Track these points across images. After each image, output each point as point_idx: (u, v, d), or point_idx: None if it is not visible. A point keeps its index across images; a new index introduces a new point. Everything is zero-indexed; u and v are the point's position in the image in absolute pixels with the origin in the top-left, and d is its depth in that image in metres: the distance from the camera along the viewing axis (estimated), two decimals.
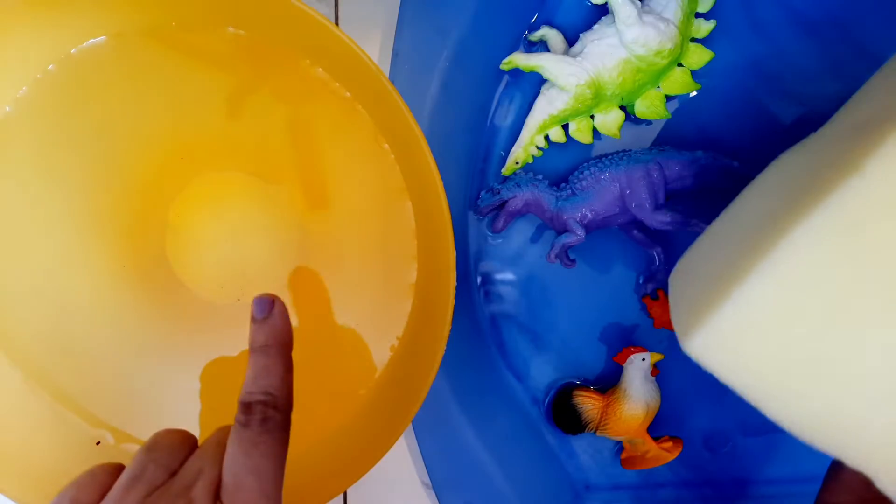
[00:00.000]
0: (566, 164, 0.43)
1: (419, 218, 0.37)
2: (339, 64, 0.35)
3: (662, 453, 0.43)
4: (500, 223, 0.43)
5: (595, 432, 0.43)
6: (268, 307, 0.31)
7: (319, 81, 0.36)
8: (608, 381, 0.44)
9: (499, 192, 0.42)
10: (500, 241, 0.44)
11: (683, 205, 0.42)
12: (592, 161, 0.42)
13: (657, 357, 0.42)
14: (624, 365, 0.43)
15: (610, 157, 0.42)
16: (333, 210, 0.39)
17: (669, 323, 0.42)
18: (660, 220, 0.40)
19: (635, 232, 0.43)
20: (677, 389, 0.45)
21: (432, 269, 0.37)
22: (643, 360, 0.42)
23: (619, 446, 0.45)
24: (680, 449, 0.43)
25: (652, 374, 0.42)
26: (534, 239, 0.44)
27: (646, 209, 0.40)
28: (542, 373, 0.45)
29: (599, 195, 0.41)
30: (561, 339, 0.45)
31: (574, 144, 0.42)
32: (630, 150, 0.42)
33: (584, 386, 0.44)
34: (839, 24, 0.42)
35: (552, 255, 0.41)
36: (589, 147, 0.43)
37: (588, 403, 0.43)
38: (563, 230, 0.41)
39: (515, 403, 0.45)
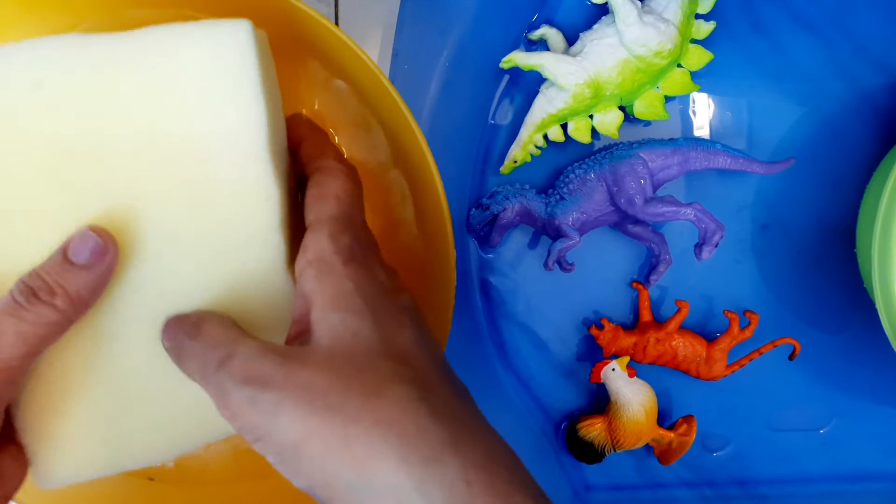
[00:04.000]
0: (565, 164, 0.43)
1: (419, 217, 0.37)
2: (338, 64, 0.35)
3: (683, 438, 0.43)
4: (494, 238, 0.43)
5: (615, 451, 0.43)
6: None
7: (318, 81, 0.36)
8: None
9: (488, 208, 0.42)
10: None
11: (673, 194, 0.42)
12: (576, 164, 0.42)
13: (625, 360, 0.42)
14: (602, 381, 0.43)
15: (593, 157, 0.42)
16: None
17: (620, 350, 0.42)
18: (651, 212, 0.40)
19: (630, 227, 0.42)
20: (677, 393, 0.45)
21: (432, 269, 0.37)
22: (613, 369, 0.42)
23: None
24: (695, 427, 0.43)
25: (630, 375, 0.42)
26: (532, 238, 0.44)
27: (636, 204, 0.40)
28: (542, 373, 0.45)
29: (588, 196, 0.41)
30: (561, 338, 0.45)
31: (573, 144, 0.42)
32: (612, 147, 0.42)
33: (584, 414, 0.44)
34: (840, 24, 0.42)
35: (550, 263, 0.41)
36: (588, 146, 0.43)
37: (594, 431, 0.43)
38: (556, 236, 0.41)
39: (515, 404, 0.45)
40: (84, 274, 0.25)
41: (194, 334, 0.24)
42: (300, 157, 0.29)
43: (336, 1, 0.43)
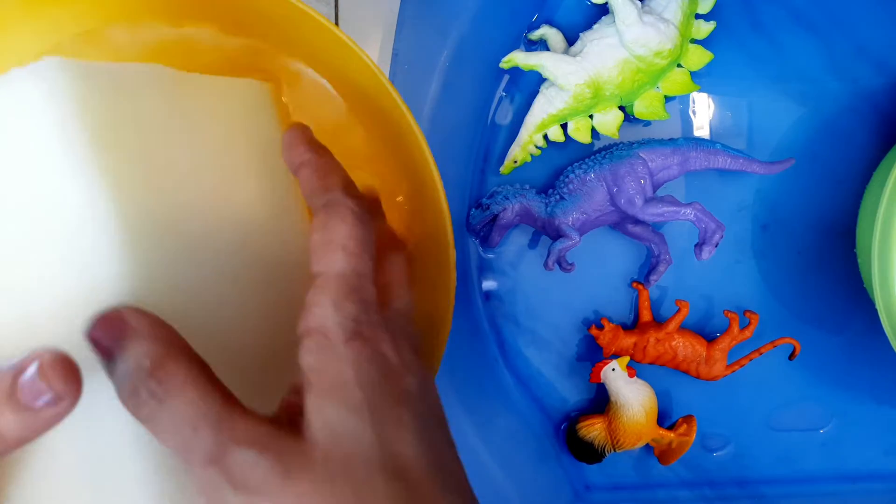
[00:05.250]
0: (565, 164, 0.43)
1: (419, 218, 0.37)
2: (338, 64, 0.35)
3: (683, 438, 0.43)
4: (494, 238, 0.43)
5: (615, 451, 0.43)
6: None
7: (318, 82, 0.36)
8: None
9: (488, 208, 0.42)
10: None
11: (672, 194, 0.42)
12: (577, 163, 0.42)
13: (625, 360, 0.42)
14: (602, 381, 0.43)
15: (593, 157, 0.42)
16: None
17: (620, 350, 0.42)
18: (651, 213, 0.40)
19: (630, 227, 0.42)
20: (677, 393, 0.45)
21: (432, 269, 0.37)
22: (613, 369, 0.42)
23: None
24: (695, 427, 0.43)
25: (630, 375, 0.42)
26: (532, 238, 0.44)
27: (635, 204, 0.40)
28: (542, 373, 0.45)
29: (588, 196, 0.41)
30: (561, 338, 0.45)
31: (573, 144, 0.42)
32: (612, 147, 0.42)
33: (584, 414, 0.44)
34: (840, 24, 0.42)
35: (550, 263, 0.41)
36: (588, 146, 0.43)
37: (594, 430, 0.43)
38: (556, 236, 0.41)
39: (515, 404, 0.45)
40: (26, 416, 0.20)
41: (162, 396, 0.20)
42: (301, 186, 0.26)
43: (336, 1, 0.43)
